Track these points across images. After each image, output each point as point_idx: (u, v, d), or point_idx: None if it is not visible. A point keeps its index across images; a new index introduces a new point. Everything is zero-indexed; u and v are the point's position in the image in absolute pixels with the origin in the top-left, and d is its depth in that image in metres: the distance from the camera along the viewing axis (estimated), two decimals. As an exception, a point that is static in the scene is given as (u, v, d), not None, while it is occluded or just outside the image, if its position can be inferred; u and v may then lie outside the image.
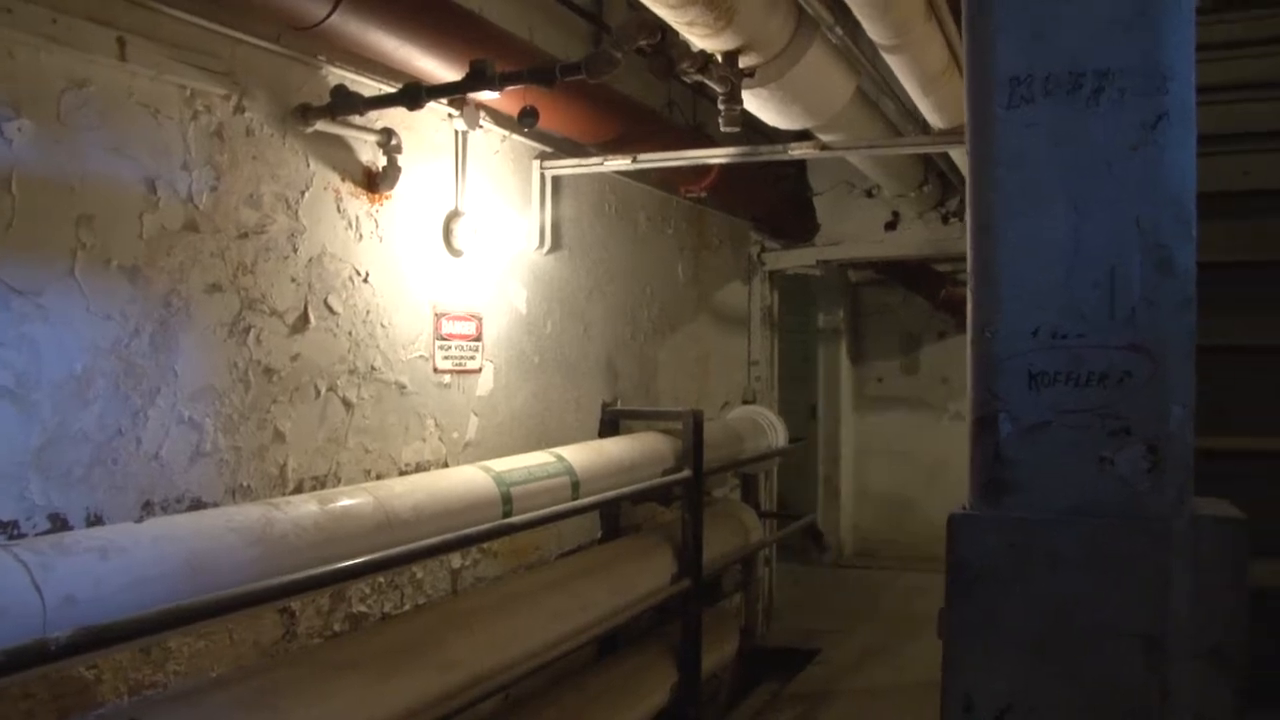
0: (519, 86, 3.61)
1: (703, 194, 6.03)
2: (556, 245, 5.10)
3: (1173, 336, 1.62)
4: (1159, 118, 1.60)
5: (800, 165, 7.69)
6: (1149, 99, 1.60)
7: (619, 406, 5.66)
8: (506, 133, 4.68)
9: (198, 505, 3.15)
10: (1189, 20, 1.62)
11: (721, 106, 3.91)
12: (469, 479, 3.80)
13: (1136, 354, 1.61)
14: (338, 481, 3.69)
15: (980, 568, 1.69)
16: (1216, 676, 1.56)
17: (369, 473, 3.85)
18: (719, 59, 3.82)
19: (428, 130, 4.15)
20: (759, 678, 7.02)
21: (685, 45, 3.68)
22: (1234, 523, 1.61)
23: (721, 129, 3.96)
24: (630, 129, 4.95)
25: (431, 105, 3.84)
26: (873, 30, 4.10)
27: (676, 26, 3.60)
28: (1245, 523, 1.61)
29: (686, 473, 5.12)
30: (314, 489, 3.54)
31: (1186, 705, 1.57)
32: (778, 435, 6.70)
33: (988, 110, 1.69)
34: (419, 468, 4.09)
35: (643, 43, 3.47)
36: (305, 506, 3.09)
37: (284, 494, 3.42)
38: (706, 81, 3.82)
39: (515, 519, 3.80)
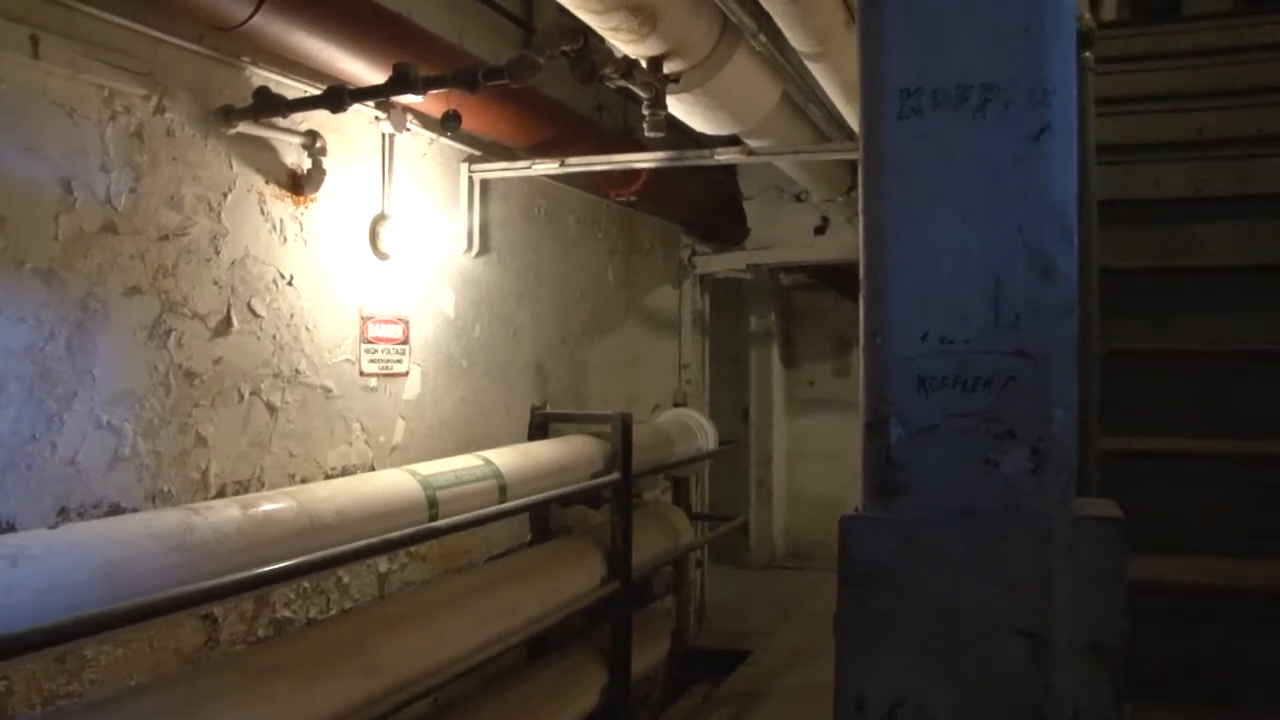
0: (444, 90, 3.61)
1: (633, 198, 6.05)
2: (485, 249, 5.10)
3: (1055, 342, 1.67)
4: (1041, 130, 1.65)
5: (731, 170, 7.74)
6: (1032, 112, 1.65)
7: (548, 410, 5.66)
8: (434, 136, 4.67)
9: (116, 511, 3.11)
10: (1070, 36, 1.68)
11: (646, 112, 3.95)
12: (394, 483, 3.79)
13: (1021, 359, 1.67)
14: (261, 486, 3.66)
15: (870, 568, 1.73)
16: (1096, 671, 1.61)
17: (294, 477, 3.82)
18: (643, 64, 3.85)
19: (354, 133, 4.13)
20: (691, 679, 7.05)
21: (609, 51, 3.71)
22: (1114, 523, 1.66)
23: (646, 134, 4.00)
24: (560, 133, 4.96)
25: (358, 107, 3.83)
26: (794, 38, 4.16)
27: (601, 32, 3.62)
28: (1125, 523, 1.67)
29: (615, 475, 5.14)
30: (237, 494, 3.51)
31: (1068, 698, 1.62)
32: (708, 438, 6.73)
33: (879, 121, 1.73)
34: (345, 472, 4.06)
35: (566, 48, 3.49)
36: (227, 511, 3.07)
37: (206, 499, 3.38)
38: (630, 87, 3.84)
39: (440, 523, 3.80)
